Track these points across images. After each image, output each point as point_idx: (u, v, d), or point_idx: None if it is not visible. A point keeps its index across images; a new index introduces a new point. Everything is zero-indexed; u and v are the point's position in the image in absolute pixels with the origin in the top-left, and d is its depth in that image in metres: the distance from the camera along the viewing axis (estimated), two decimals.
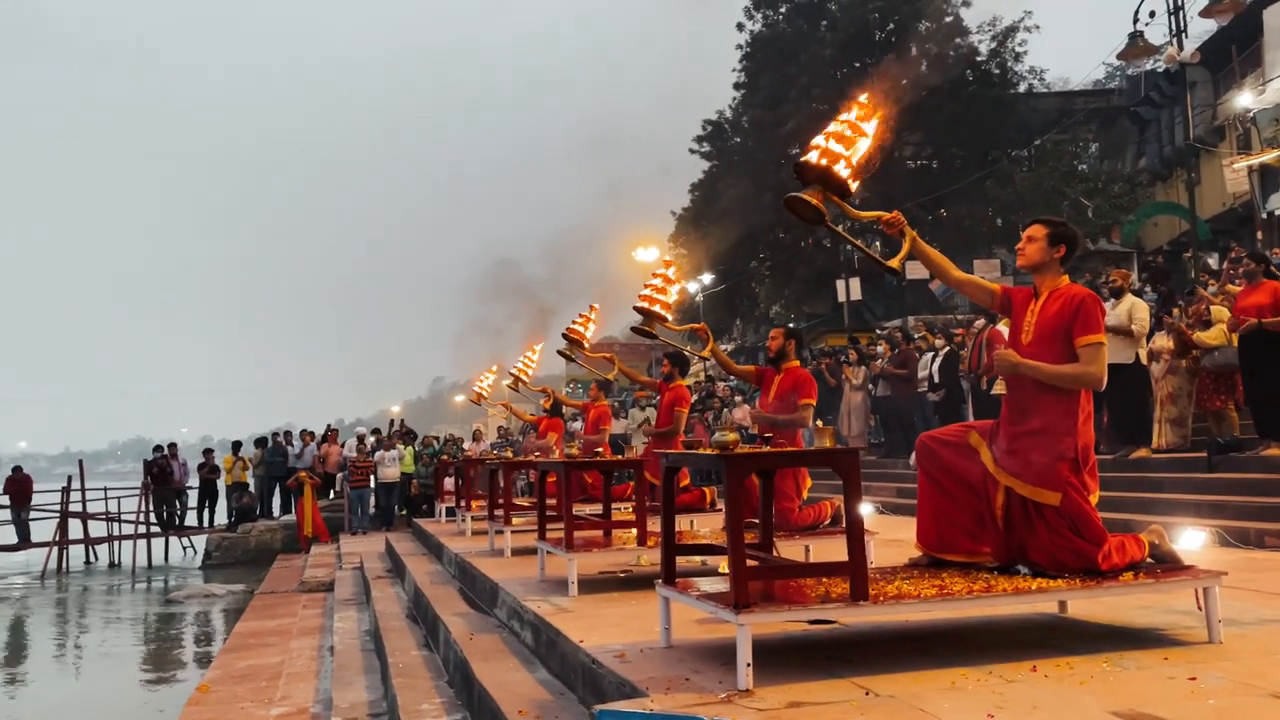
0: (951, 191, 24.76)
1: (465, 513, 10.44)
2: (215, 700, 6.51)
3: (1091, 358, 3.65)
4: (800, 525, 5.72)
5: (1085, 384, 3.68)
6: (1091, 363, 3.65)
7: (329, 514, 17.58)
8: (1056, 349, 3.70)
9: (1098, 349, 3.66)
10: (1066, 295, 3.76)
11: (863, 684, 3.13)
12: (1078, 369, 3.65)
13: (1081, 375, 3.66)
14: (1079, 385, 3.68)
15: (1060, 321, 3.71)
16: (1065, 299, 3.75)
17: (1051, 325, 3.73)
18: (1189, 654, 3.38)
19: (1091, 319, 3.67)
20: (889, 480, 11.82)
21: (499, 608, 5.87)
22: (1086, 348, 3.65)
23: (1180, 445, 8.96)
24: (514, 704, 3.85)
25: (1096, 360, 3.65)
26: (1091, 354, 3.65)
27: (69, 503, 19.32)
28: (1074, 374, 3.66)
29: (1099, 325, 3.68)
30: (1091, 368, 3.65)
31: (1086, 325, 3.66)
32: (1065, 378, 3.66)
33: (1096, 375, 3.66)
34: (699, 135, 30.66)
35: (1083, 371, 3.65)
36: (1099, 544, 3.60)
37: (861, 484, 3.52)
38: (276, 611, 10.43)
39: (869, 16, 25.76)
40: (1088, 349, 3.65)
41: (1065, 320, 3.70)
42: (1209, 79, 22.06)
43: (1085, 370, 3.65)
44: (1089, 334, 3.65)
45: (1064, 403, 3.68)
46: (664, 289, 6.25)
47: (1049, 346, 3.72)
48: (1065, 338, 3.69)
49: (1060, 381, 3.67)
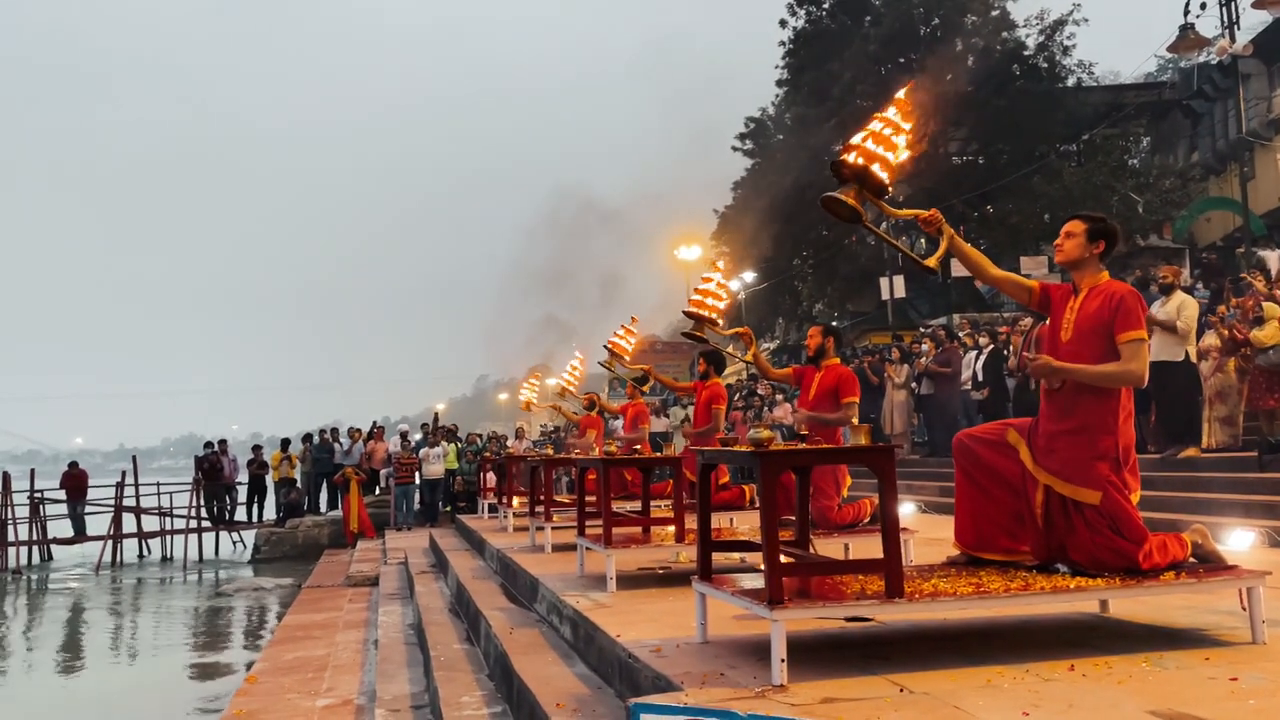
0: (998, 188, 24.44)
1: (507, 509, 10.53)
2: (263, 691, 6.65)
3: (1132, 354, 3.60)
4: (839, 523, 5.71)
5: (1127, 382, 3.63)
6: (1132, 360, 3.60)
7: (375, 510, 17.83)
8: (1097, 346, 3.65)
9: (1139, 345, 3.61)
10: (1107, 292, 3.71)
11: (897, 681, 3.13)
12: (1119, 367, 3.61)
13: (1123, 373, 3.61)
14: (1121, 383, 3.63)
15: (1100, 318, 3.67)
16: (1105, 295, 3.70)
17: (1091, 322, 3.69)
18: (1231, 654, 3.34)
19: (1132, 315, 3.62)
20: (932, 479, 11.72)
21: (539, 603, 5.93)
22: (1128, 344, 3.60)
23: (1230, 445, 8.79)
24: (552, 697, 3.90)
25: (1137, 357, 3.60)
26: (1132, 351, 3.60)
27: (123, 497, 19.77)
28: (1115, 372, 3.61)
29: (1139, 321, 3.63)
30: (1132, 365, 3.60)
31: (1128, 322, 3.61)
32: (1106, 377, 3.62)
33: (1138, 372, 3.62)
34: (741, 133, 30.61)
35: (1124, 370, 3.60)
36: (1140, 543, 3.56)
37: (899, 482, 3.51)
38: (323, 605, 10.60)
39: (913, 11, 25.51)
40: (1129, 345, 3.60)
41: (1106, 317, 3.66)
42: (1264, 71, 21.59)
43: (1126, 368, 3.60)
44: (1130, 330, 3.60)
45: (1104, 401, 3.64)
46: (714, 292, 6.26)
47: (1089, 343, 3.67)
48: (1106, 334, 3.64)
49: (1102, 381, 3.63)
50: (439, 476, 17.74)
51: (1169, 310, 8.62)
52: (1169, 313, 8.59)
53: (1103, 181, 22.26)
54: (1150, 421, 9.62)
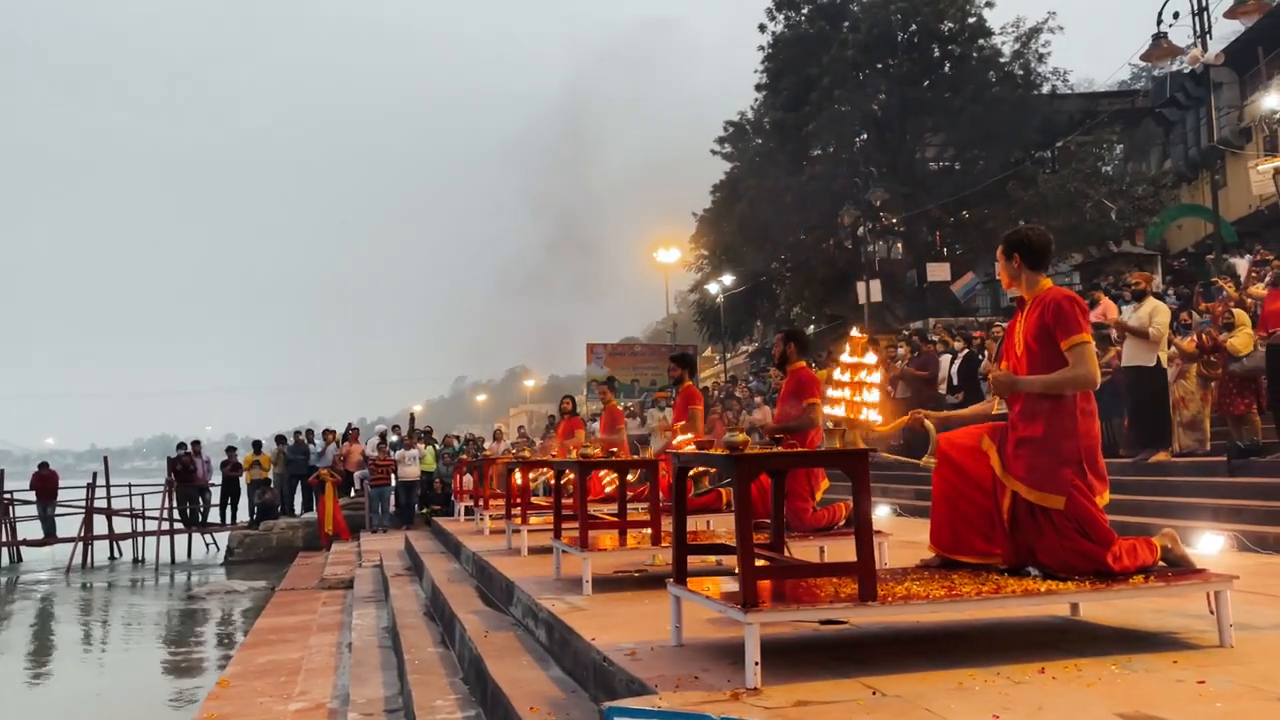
0: (974, 193, 24.64)
1: (483, 512, 10.50)
2: (235, 695, 6.59)
3: (1078, 359, 3.66)
4: (814, 526, 5.73)
5: (1078, 386, 3.69)
6: (1079, 364, 3.66)
7: (350, 512, 17.73)
8: (1047, 354, 3.73)
9: (1083, 349, 3.67)
10: (1045, 300, 3.79)
11: (870, 684, 3.15)
12: (1068, 374, 3.67)
13: (1072, 379, 3.67)
14: (1073, 389, 3.70)
15: (1042, 327, 3.75)
16: (1044, 304, 3.78)
17: (1035, 332, 3.77)
18: (1199, 657, 3.38)
19: (1070, 320, 3.68)
20: (907, 482, 11.78)
21: (514, 606, 5.91)
22: (1072, 350, 3.67)
23: (1195, 449, 8.91)
24: (526, 701, 3.89)
25: (1083, 361, 3.66)
26: (1078, 355, 3.66)
27: (94, 499, 19.57)
28: (1066, 379, 3.67)
29: (1080, 325, 3.69)
30: (1079, 370, 3.66)
31: (1067, 327, 3.68)
32: (1058, 384, 3.68)
33: (1086, 376, 3.67)
34: (720, 136, 30.66)
35: (1073, 375, 3.66)
36: (1107, 545, 3.60)
37: (875, 486, 3.53)
38: (297, 608, 10.53)
39: (891, 18, 25.66)
40: (1073, 351, 3.67)
41: (1047, 325, 3.73)
42: (1235, 80, 21.88)
43: (1074, 374, 3.66)
44: (1072, 335, 3.67)
45: (1060, 406, 3.70)
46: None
47: (1039, 353, 3.75)
48: (1050, 342, 3.72)
49: (1055, 388, 3.69)
50: (415, 478, 17.67)
51: (1141, 316, 8.72)
52: (1141, 318, 8.69)
53: (1077, 188, 22.47)
54: (1123, 425, 9.73)
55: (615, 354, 34.09)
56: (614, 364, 31.93)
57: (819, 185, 25.94)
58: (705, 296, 32.81)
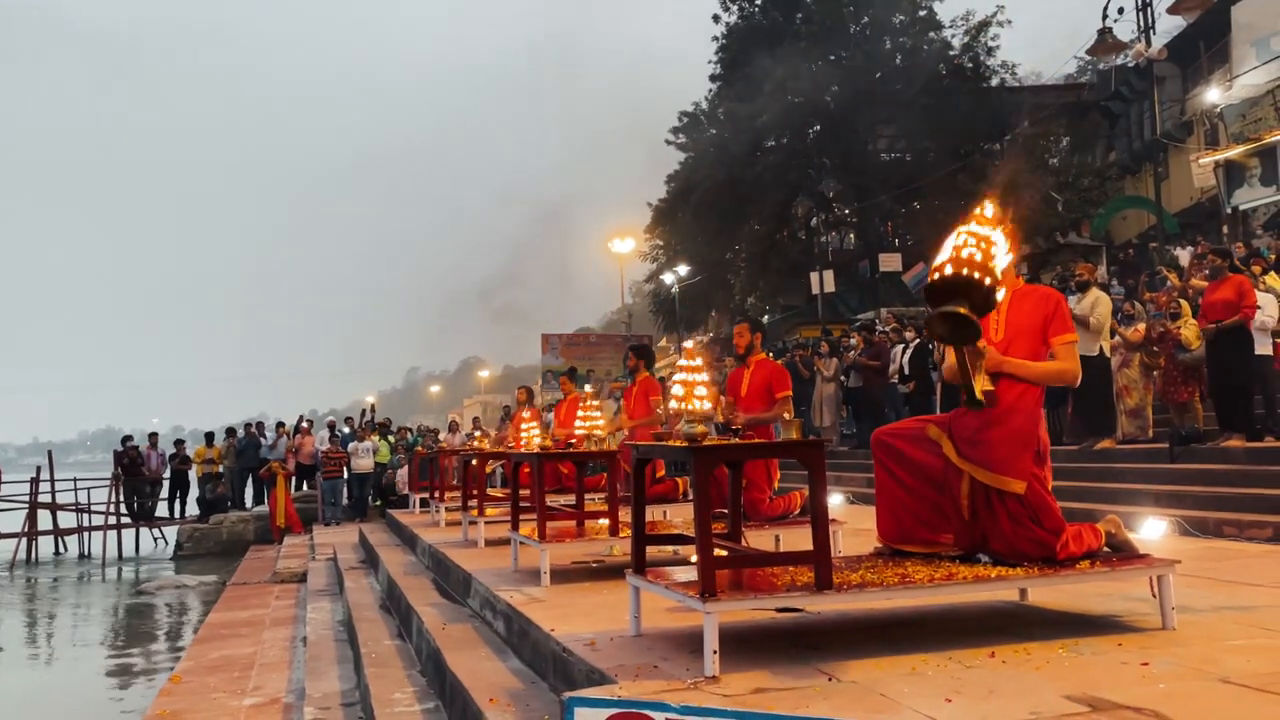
0: (925, 184, 24.94)
1: (439, 504, 10.45)
2: (188, 690, 6.52)
3: (1068, 354, 3.82)
4: (770, 515, 5.79)
5: (1065, 380, 3.88)
6: (1069, 359, 3.82)
7: (302, 505, 17.54)
8: (1027, 344, 3.83)
9: (1073, 346, 3.85)
10: (1038, 294, 3.93)
11: (826, 670, 3.20)
12: (1058, 366, 3.81)
13: (1061, 372, 3.83)
14: (1059, 382, 3.89)
15: (1034, 319, 3.85)
16: (1037, 298, 3.91)
17: (1023, 323, 3.85)
18: (1143, 640, 3.48)
19: (1066, 319, 3.87)
20: (860, 470, 11.93)
21: (472, 598, 5.91)
22: (1063, 345, 3.82)
23: (1138, 436, 9.14)
24: (485, 692, 3.90)
25: (1073, 357, 3.84)
26: (1068, 351, 3.83)
27: (38, 493, 19.14)
28: (1055, 371, 3.82)
29: (1069, 323, 3.87)
30: (1069, 364, 3.82)
31: (1063, 325, 3.84)
32: (1048, 375, 3.82)
33: (1074, 371, 3.84)
34: (675, 127, 30.69)
35: (1062, 369, 3.82)
36: (1058, 533, 3.69)
37: (828, 475, 3.59)
38: (249, 602, 10.42)
39: (843, 10, 25.87)
40: (1064, 347, 3.82)
41: (1039, 319, 3.84)
42: (1178, 74, 22.33)
43: (1064, 367, 3.81)
44: (1065, 333, 3.83)
45: (1029, 394, 3.79)
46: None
47: (1021, 342, 3.84)
48: (1038, 334, 3.83)
49: (1043, 379, 3.83)
50: (369, 471, 17.53)
51: (1084, 307, 8.91)
52: (1084, 309, 8.88)
53: (1025, 180, 22.82)
54: (1067, 414, 9.95)
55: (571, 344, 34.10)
56: (570, 354, 31.93)
57: (773, 176, 26.08)
58: (660, 286, 32.87)
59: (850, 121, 26.65)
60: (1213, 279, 8.66)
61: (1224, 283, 8.27)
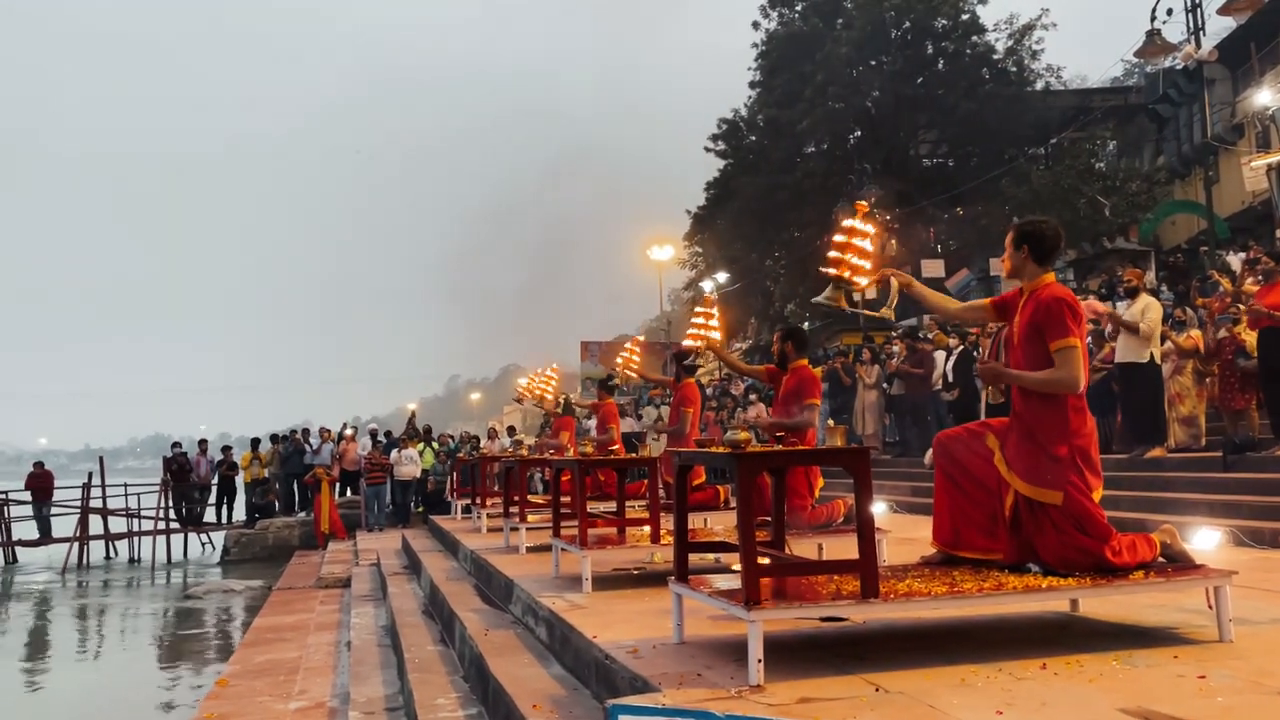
0: (967, 190, 24.68)
1: (481, 510, 10.50)
2: (234, 694, 6.59)
3: (1063, 362, 3.66)
4: (813, 523, 5.74)
5: (1061, 388, 3.68)
6: (1063, 367, 3.66)
7: (346, 511, 17.71)
8: (1037, 351, 3.74)
9: (1069, 353, 3.66)
10: (1039, 298, 3.79)
11: (873, 680, 3.16)
12: (1051, 375, 3.67)
13: (1055, 381, 3.67)
14: (1056, 390, 3.70)
15: (1034, 324, 3.75)
16: (1038, 302, 3.78)
17: (1029, 328, 3.78)
18: (1199, 652, 3.40)
19: (1059, 323, 3.68)
20: (903, 479, 11.81)
21: (514, 604, 5.92)
22: (1058, 352, 3.67)
23: (1191, 444, 8.95)
24: (528, 699, 3.90)
25: (1068, 364, 3.65)
26: (1063, 358, 3.66)
27: (89, 499, 19.50)
28: (1048, 380, 3.68)
29: (1067, 329, 3.68)
30: (1062, 373, 3.65)
31: (1056, 330, 3.68)
32: (1043, 383, 3.70)
33: (1068, 379, 3.66)
34: (714, 134, 30.65)
35: (1055, 377, 3.67)
36: (1105, 540, 3.62)
37: (873, 482, 3.55)
38: (294, 607, 10.52)
39: (884, 15, 25.67)
40: (1059, 353, 3.67)
41: (1038, 324, 3.74)
42: (1228, 76, 21.92)
43: (1057, 375, 3.66)
44: (1059, 339, 3.67)
45: (1052, 403, 3.71)
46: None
47: (1030, 349, 3.77)
48: (1041, 340, 3.72)
49: (1039, 387, 3.71)
50: (413, 477, 17.67)
51: (1134, 313, 8.75)
52: (1134, 315, 8.72)
53: (1070, 184, 22.51)
54: (1116, 422, 9.76)
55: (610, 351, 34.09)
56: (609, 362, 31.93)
57: (813, 182, 25.94)
58: (699, 294, 32.82)
59: (892, 127, 26.45)
60: (1266, 283, 8.46)
61: (1276, 286, 8.08)
